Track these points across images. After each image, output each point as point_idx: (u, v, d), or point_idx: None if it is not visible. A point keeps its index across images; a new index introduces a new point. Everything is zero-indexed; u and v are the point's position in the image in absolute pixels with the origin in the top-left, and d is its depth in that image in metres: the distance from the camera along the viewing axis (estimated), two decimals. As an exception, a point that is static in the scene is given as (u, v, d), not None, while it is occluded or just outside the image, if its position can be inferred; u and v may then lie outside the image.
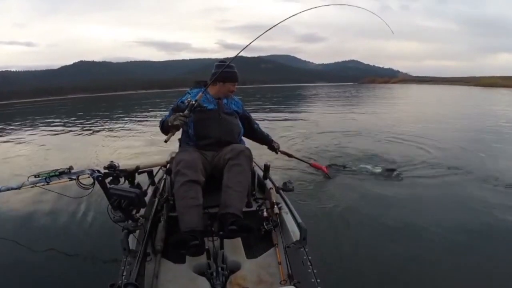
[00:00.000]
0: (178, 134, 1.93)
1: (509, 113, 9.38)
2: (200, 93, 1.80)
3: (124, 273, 1.20)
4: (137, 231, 1.43)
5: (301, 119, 8.89)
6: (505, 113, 9.60)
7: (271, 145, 2.40)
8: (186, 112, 1.69)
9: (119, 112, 14.55)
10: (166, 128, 1.74)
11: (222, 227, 1.42)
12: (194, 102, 1.73)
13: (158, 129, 1.93)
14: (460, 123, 7.52)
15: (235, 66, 1.93)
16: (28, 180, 1.77)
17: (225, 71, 1.86)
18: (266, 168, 2.16)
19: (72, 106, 24.04)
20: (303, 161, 3.24)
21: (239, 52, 1.91)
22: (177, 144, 2.02)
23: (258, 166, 2.35)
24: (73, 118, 12.09)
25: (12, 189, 1.95)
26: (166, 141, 1.68)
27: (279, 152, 2.51)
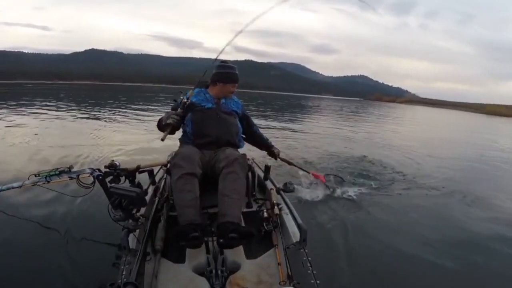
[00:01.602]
0: (179, 134, 1.94)
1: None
2: (191, 91, 1.84)
3: (124, 272, 1.21)
4: (137, 230, 1.43)
5: (293, 129, 8.80)
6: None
7: (271, 151, 2.30)
8: (179, 110, 1.73)
9: (125, 104, 14.45)
10: (162, 127, 1.80)
11: (222, 236, 1.38)
12: (186, 100, 1.80)
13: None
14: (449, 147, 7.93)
15: (236, 68, 1.96)
16: (28, 179, 1.78)
17: (227, 72, 1.92)
18: (267, 169, 2.15)
19: (78, 92, 23.96)
20: (303, 169, 3.12)
21: (222, 49, 1.93)
22: (178, 144, 2.01)
23: (258, 166, 2.33)
24: (77, 106, 11.88)
25: (13, 188, 1.97)
26: (162, 139, 1.71)
27: (278, 159, 2.42)
